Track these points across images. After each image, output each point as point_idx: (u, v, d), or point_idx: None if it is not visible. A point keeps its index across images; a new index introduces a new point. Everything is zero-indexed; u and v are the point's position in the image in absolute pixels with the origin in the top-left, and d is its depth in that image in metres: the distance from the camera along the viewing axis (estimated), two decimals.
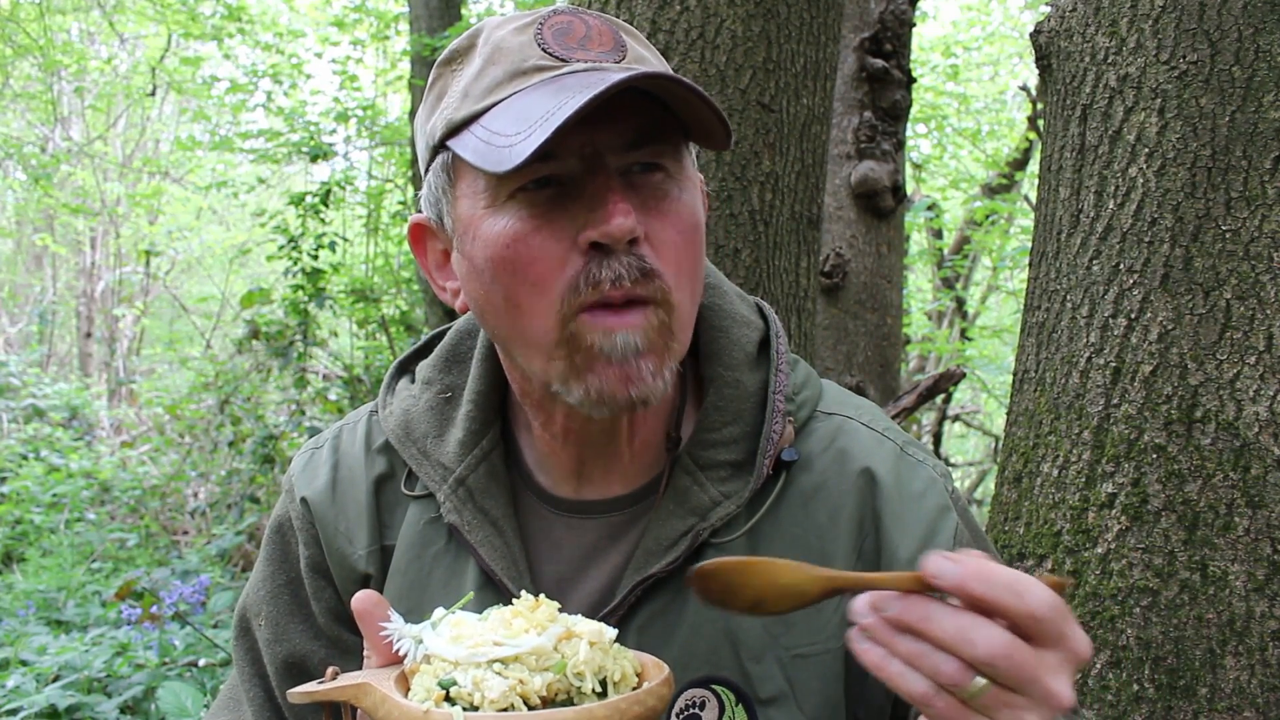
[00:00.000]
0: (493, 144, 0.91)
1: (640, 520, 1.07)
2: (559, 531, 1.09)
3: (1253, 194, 1.57)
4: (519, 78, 0.95)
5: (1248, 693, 1.50)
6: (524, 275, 0.94)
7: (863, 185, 3.99)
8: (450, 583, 1.09)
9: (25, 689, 3.41)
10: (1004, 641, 0.71)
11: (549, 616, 0.85)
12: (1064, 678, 0.73)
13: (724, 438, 1.06)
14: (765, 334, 1.14)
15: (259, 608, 1.18)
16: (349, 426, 1.21)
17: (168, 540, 6.76)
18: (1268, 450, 1.54)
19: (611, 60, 0.96)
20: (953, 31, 10.38)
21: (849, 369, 4.01)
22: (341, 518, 1.14)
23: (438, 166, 1.01)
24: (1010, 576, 0.72)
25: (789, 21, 1.98)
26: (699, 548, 1.04)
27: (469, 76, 0.98)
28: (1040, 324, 1.80)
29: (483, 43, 0.99)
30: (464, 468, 1.09)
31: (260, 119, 9.43)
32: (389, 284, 7.35)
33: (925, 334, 8.52)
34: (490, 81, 0.96)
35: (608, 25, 0.99)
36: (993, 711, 0.73)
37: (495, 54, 0.96)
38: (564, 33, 0.97)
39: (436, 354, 1.19)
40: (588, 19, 0.99)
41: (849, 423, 1.11)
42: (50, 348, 13.15)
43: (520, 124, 0.89)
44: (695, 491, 1.04)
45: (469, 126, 0.95)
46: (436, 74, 1.03)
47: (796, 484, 1.07)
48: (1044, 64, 1.89)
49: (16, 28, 8.82)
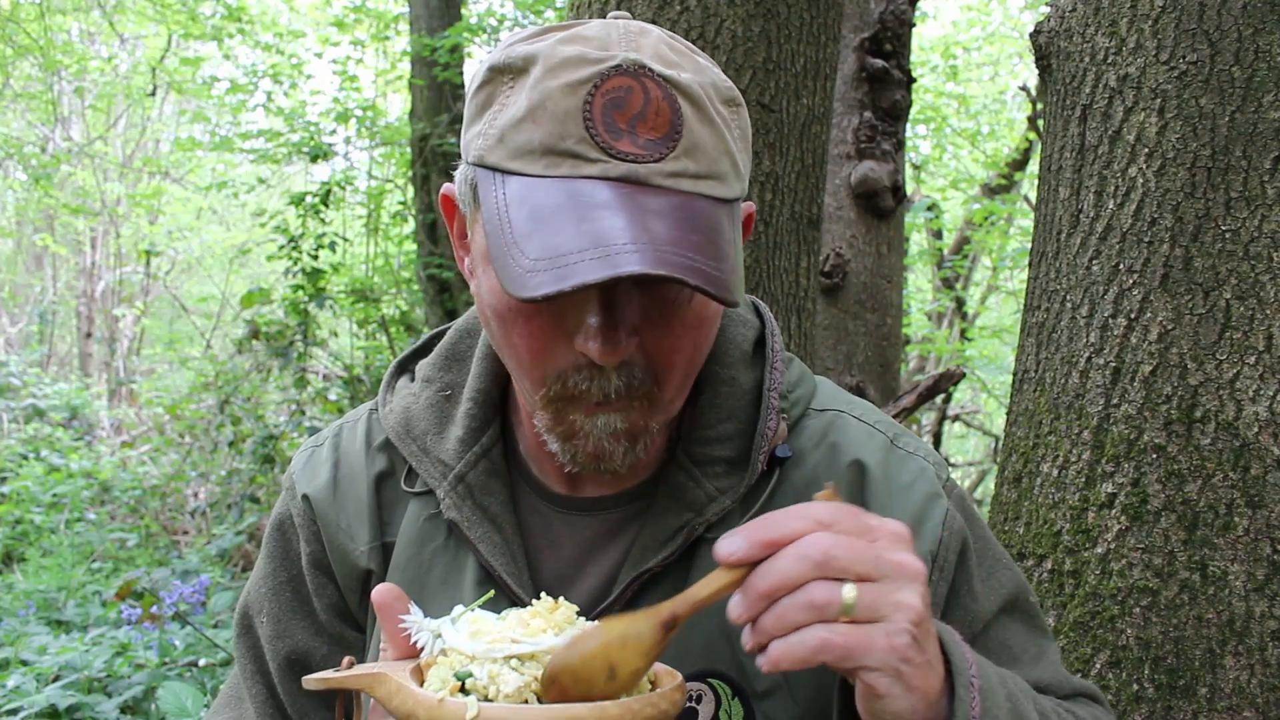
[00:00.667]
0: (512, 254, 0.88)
1: (637, 517, 1.08)
2: (557, 528, 1.10)
3: (1252, 194, 1.57)
4: (552, 156, 0.90)
5: (1247, 693, 1.51)
6: (516, 353, 0.96)
7: (863, 185, 3.99)
8: (449, 579, 1.09)
9: (25, 689, 3.41)
10: (824, 536, 0.78)
11: (567, 619, 0.86)
12: (903, 551, 0.80)
13: (719, 434, 1.07)
14: (761, 332, 1.14)
15: (261, 604, 1.19)
16: (349, 425, 1.22)
17: (168, 540, 6.76)
18: (1267, 450, 1.54)
19: (655, 156, 0.90)
20: (953, 31, 10.39)
21: (849, 369, 4.01)
22: (342, 514, 1.15)
23: (468, 177, 0.98)
24: (785, 511, 0.80)
25: (789, 21, 1.99)
26: (695, 542, 1.05)
27: (509, 119, 0.93)
28: (1040, 324, 1.80)
29: (534, 83, 0.92)
30: (463, 464, 1.09)
31: (260, 119, 9.44)
32: (389, 284, 7.35)
33: (925, 334, 8.53)
34: (524, 143, 0.91)
35: (668, 98, 0.92)
36: (879, 609, 0.78)
37: (538, 110, 0.91)
38: (617, 105, 0.90)
39: (436, 352, 1.19)
40: (650, 86, 0.91)
41: (841, 417, 1.12)
42: (50, 348, 13.15)
43: (539, 249, 0.86)
44: (691, 487, 1.05)
45: (496, 175, 0.93)
46: (487, 77, 0.97)
47: (789, 479, 1.08)
48: (1044, 64, 1.89)
49: (16, 28, 8.82)
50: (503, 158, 0.92)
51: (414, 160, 7.12)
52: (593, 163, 0.90)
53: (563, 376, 0.95)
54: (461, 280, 6.79)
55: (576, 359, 0.94)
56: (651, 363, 0.95)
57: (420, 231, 7.15)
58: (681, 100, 0.93)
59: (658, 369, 0.96)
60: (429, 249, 6.94)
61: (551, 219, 0.88)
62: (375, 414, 1.20)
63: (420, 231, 7.15)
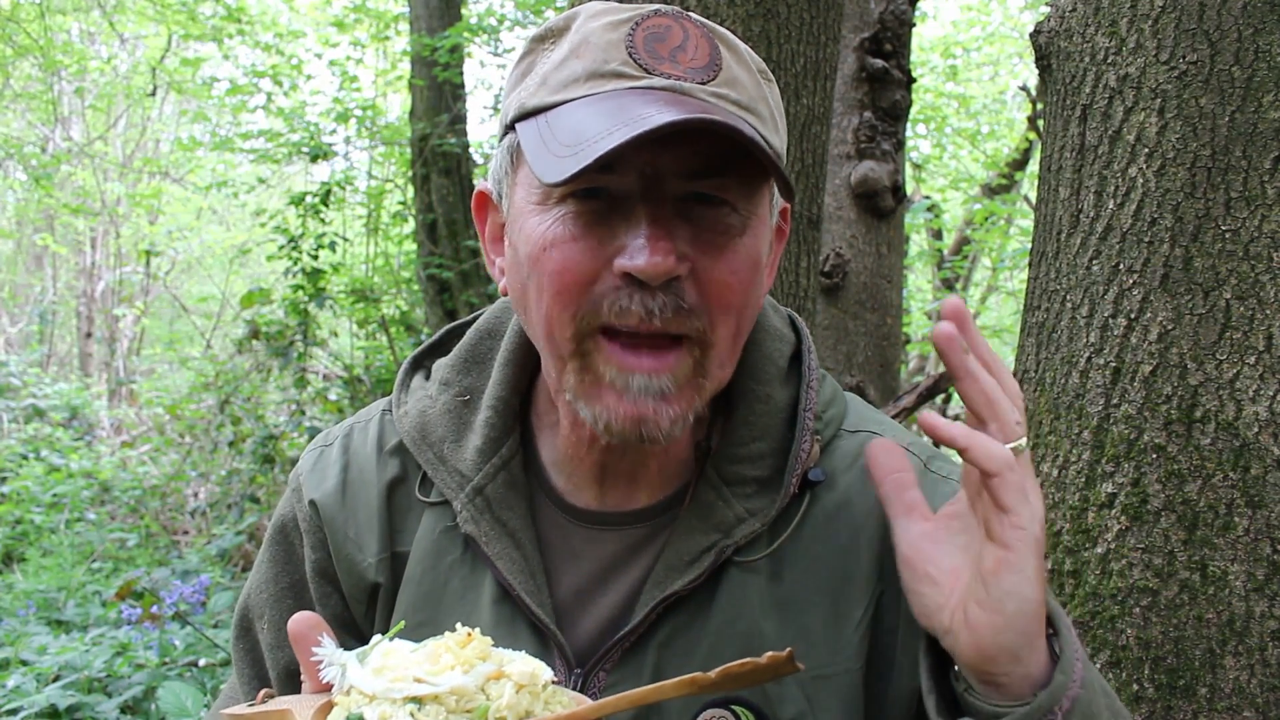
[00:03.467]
0: (548, 147, 0.88)
1: (661, 534, 1.04)
2: (577, 542, 1.06)
3: (1252, 194, 1.57)
4: (596, 79, 0.90)
5: (1247, 693, 1.51)
6: (553, 281, 0.92)
7: (863, 185, 3.99)
8: (466, 595, 1.06)
9: (25, 689, 3.41)
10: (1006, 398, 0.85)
11: (479, 654, 0.80)
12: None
13: (751, 453, 1.04)
14: (797, 347, 1.11)
15: (262, 610, 1.15)
16: (360, 426, 1.17)
17: (168, 540, 6.76)
18: (1267, 450, 1.54)
19: (698, 80, 0.90)
20: (953, 31, 10.39)
21: (849, 369, 4.01)
22: (351, 523, 1.11)
23: (505, 145, 0.98)
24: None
25: (789, 21, 1.99)
26: (722, 565, 1.01)
27: (552, 63, 0.94)
28: (1040, 324, 1.80)
29: (575, 29, 0.94)
30: (482, 476, 1.06)
31: (260, 119, 9.43)
32: (389, 284, 7.35)
33: (925, 334, 8.52)
34: (568, 75, 0.92)
35: (708, 37, 0.93)
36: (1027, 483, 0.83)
37: (581, 46, 0.92)
38: (658, 38, 0.91)
39: (455, 354, 1.15)
40: (689, 26, 0.93)
41: (874, 439, 1.06)
42: (50, 348, 13.15)
43: (576, 137, 0.86)
44: (720, 507, 1.02)
45: (538, 116, 0.92)
46: (528, 48, 0.99)
47: (820, 503, 1.05)
48: (1044, 64, 1.89)
49: (17, 28, 8.82)
50: (546, 95, 0.92)
51: (414, 160, 7.13)
52: (636, 79, 0.89)
53: (598, 303, 0.90)
54: (462, 280, 6.79)
55: (617, 283, 0.90)
56: (704, 295, 0.91)
57: (420, 231, 7.15)
58: (719, 43, 0.93)
59: (711, 303, 0.91)
60: (429, 249, 6.95)
61: (591, 121, 0.87)
62: (388, 415, 1.16)
63: (420, 231, 7.15)
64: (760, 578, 1.02)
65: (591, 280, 0.91)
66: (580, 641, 1.04)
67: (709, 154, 0.89)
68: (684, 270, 0.90)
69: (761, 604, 1.02)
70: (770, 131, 0.95)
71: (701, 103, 0.89)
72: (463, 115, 7.31)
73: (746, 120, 0.91)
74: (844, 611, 1.03)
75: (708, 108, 0.88)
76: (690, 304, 0.90)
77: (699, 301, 0.91)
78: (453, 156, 7.06)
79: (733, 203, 0.92)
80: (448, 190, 7.06)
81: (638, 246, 0.88)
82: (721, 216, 0.92)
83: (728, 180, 0.91)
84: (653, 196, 0.89)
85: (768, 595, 1.02)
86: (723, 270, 0.92)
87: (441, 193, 7.06)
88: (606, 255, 0.90)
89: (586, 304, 0.91)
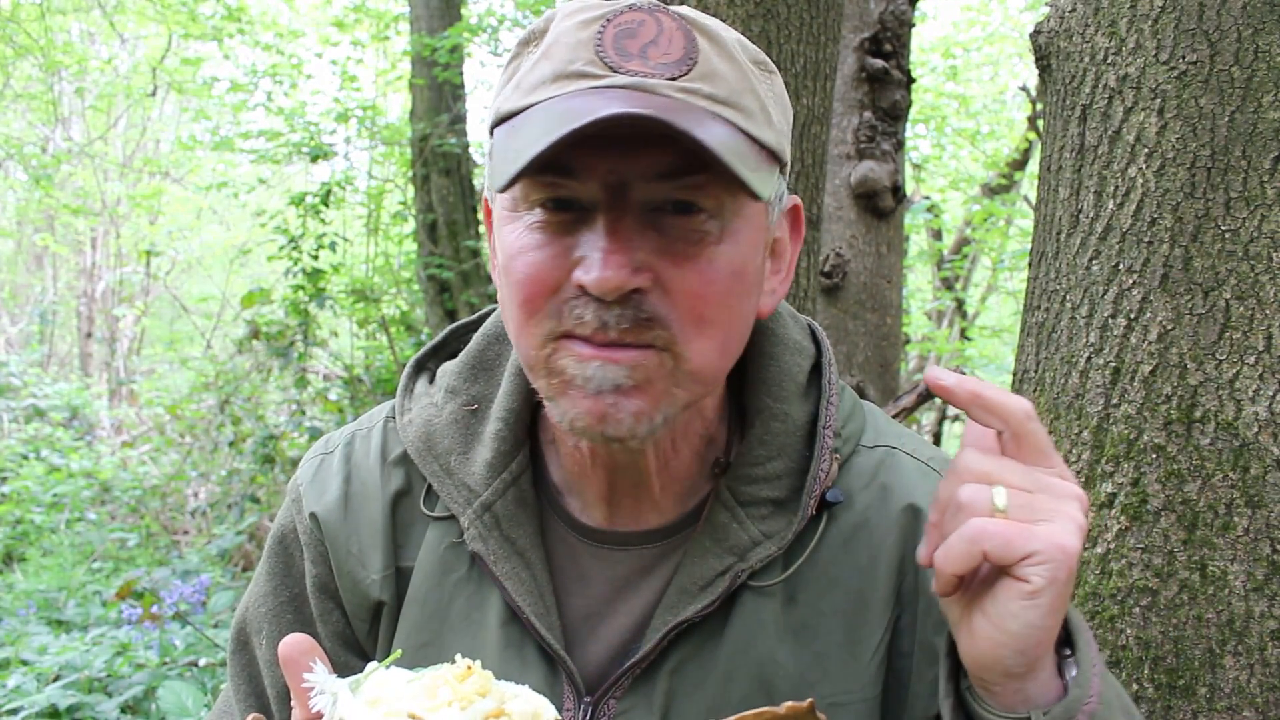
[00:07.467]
0: (504, 153, 0.85)
1: (673, 555, 1.01)
2: (587, 562, 1.03)
3: (1252, 194, 1.57)
4: (561, 80, 0.87)
5: (1247, 692, 1.51)
6: (518, 290, 0.89)
7: (863, 185, 3.99)
8: (472, 615, 1.02)
9: (26, 689, 3.41)
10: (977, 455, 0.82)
11: (479, 689, 0.76)
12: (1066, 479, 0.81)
13: (767, 473, 1.00)
14: (817, 360, 1.07)
15: (260, 625, 1.11)
16: (362, 434, 1.12)
17: (168, 540, 6.76)
18: (1267, 450, 1.54)
19: (667, 76, 0.86)
20: (952, 32, 10.39)
21: (849, 369, 4.01)
22: (354, 538, 1.06)
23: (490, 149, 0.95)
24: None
25: (789, 21, 1.99)
26: (736, 590, 0.98)
27: (527, 67, 0.91)
28: (1040, 324, 1.80)
29: (551, 30, 0.91)
30: (491, 492, 1.01)
31: (260, 119, 9.43)
32: (389, 284, 7.35)
33: (925, 334, 8.53)
34: (537, 78, 0.89)
35: (684, 29, 0.88)
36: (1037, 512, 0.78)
37: (552, 47, 0.89)
38: (628, 34, 0.87)
39: (461, 360, 1.10)
40: (664, 19, 0.88)
41: (893, 455, 1.05)
42: (51, 348, 13.15)
43: (525, 141, 0.83)
44: (734, 529, 0.98)
45: (509, 121, 0.90)
46: (515, 51, 0.95)
47: (837, 524, 1.01)
48: (1043, 64, 1.89)
49: (17, 28, 8.81)
50: (517, 100, 0.90)
51: (414, 160, 7.13)
52: (599, 79, 0.86)
53: (560, 311, 0.88)
54: (462, 280, 6.80)
55: (575, 291, 0.87)
56: (673, 306, 0.87)
57: (420, 231, 7.16)
58: (697, 34, 0.89)
59: (677, 312, 0.87)
60: (429, 249, 6.95)
61: (539, 123, 0.84)
62: (391, 422, 1.11)
63: (420, 231, 7.16)
64: (775, 602, 0.99)
65: (554, 289, 0.88)
66: (589, 667, 1.01)
67: (675, 154, 0.85)
68: (643, 282, 0.86)
69: (776, 630, 0.99)
70: (757, 125, 0.90)
71: (664, 100, 0.84)
72: (463, 115, 7.32)
73: (722, 115, 0.87)
74: (861, 637, 1.00)
75: (668, 105, 0.83)
76: (652, 314, 0.86)
77: (668, 312, 0.87)
78: (453, 156, 7.07)
79: (708, 208, 0.88)
80: (448, 190, 7.07)
81: (593, 260, 0.85)
82: (694, 224, 0.87)
83: (699, 179, 0.86)
84: (615, 206, 0.86)
85: (782, 621, 0.99)
86: (692, 280, 0.87)
87: (441, 193, 7.07)
88: (568, 266, 0.87)
89: (549, 312, 0.88)
